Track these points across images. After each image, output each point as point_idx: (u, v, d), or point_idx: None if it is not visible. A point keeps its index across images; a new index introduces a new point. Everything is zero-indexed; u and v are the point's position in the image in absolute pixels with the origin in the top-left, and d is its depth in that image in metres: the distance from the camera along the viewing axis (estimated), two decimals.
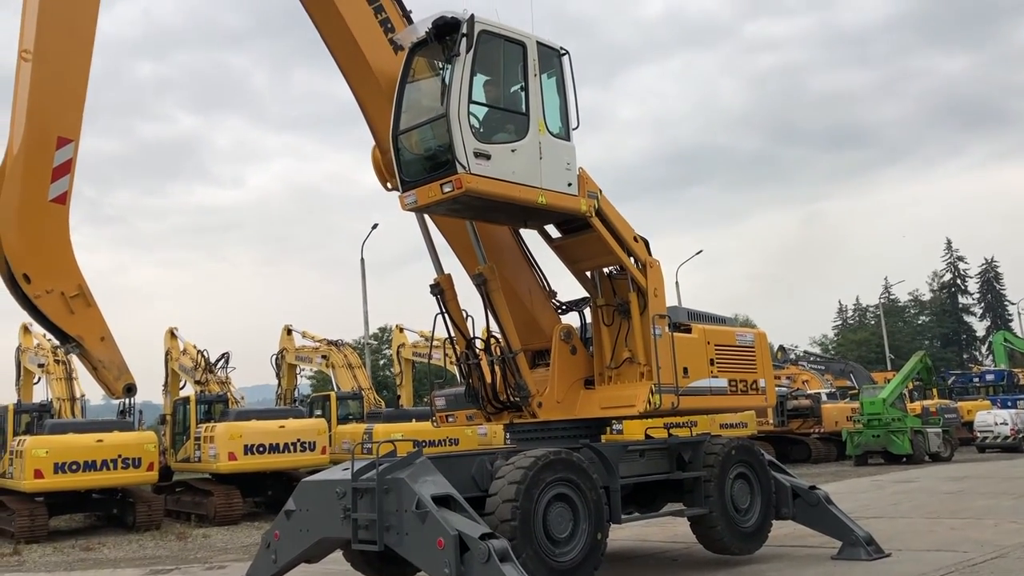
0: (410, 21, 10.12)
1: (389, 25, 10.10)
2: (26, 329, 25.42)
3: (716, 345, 10.76)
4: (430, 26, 9.13)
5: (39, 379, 24.64)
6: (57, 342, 24.33)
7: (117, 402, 25.40)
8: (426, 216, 10.44)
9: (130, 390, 8.30)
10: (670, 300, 10.77)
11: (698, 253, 55.02)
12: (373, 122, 10.26)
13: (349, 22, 9.81)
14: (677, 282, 47.82)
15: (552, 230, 10.97)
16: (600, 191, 10.07)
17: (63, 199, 8.02)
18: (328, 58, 10.28)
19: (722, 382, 10.69)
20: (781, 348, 45.60)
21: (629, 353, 10.23)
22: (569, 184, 9.64)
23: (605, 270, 10.87)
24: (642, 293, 10.26)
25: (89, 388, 24.17)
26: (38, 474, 17.75)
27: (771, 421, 33.25)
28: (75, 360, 24.01)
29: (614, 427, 18.37)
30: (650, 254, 10.58)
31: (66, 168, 8.04)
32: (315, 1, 9.85)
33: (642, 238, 10.61)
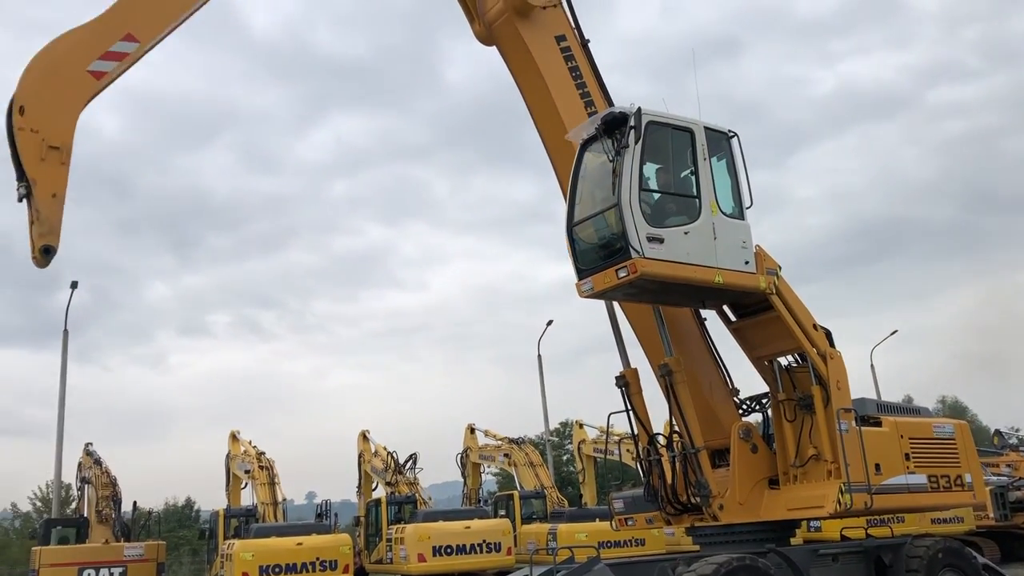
0: None
1: None
2: (234, 437, 27.35)
3: (911, 438, 10.09)
4: (599, 122, 9.54)
5: (246, 484, 26.27)
6: (262, 450, 25.92)
7: (316, 504, 26.71)
8: (616, 307, 10.62)
9: (47, 251, 7.85)
10: (865, 386, 10.35)
11: (893, 333, 51.40)
12: None
13: (562, 113, 10.69)
14: (872, 365, 45.12)
15: (731, 314, 10.85)
16: (779, 268, 9.95)
17: (99, 76, 8.31)
18: (503, 163, 11.27)
19: (920, 478, 9.95)
20: (998, 433, 41.49)
21: (815, 450, 9.76)
22: (746, 262, 9.64)
23: (784, 361, 10.55)
24: (824, 386, 9.85)
25: (290, 491, 25.53)
26: None
27: (992, 515, 30.21)
28: (278, 465, 25.58)
29: (811, 524, 17.36)
30: (832, 345, 10.21)
31: (119, 57, 8.38)
32: (536, 97, 11.02)
33: (823, 328, 10.27)
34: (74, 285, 29.52)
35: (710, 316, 10.97)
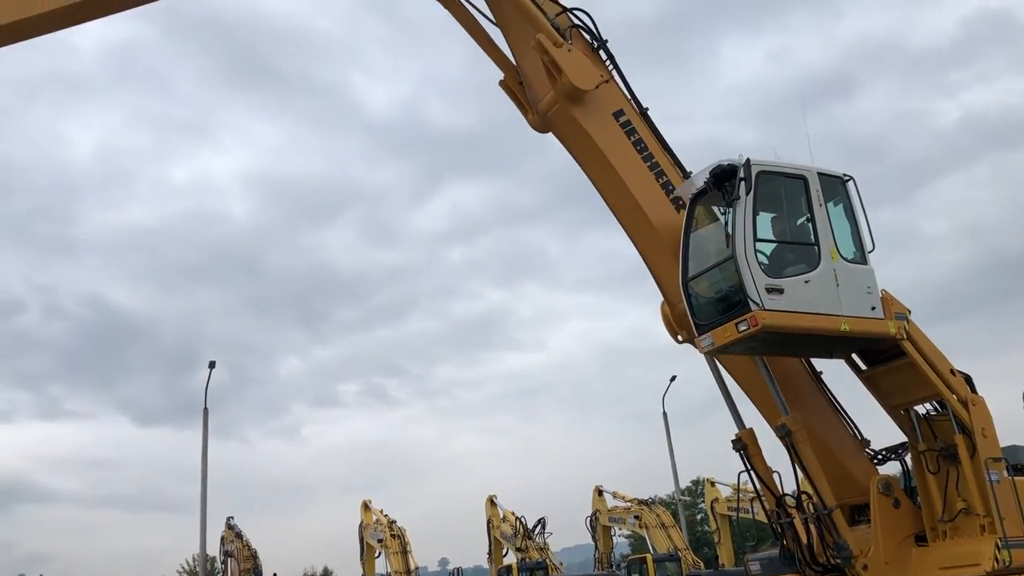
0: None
1: (670, 187, 10.46)
2: (366, 506, 27.86)
3: None
4: (708, 176, 9.41)
5: (379, 553, 26.66)
6: (393, 518, 26.26)
7: (448, 571, 26.81)
8: (721, 368, 10.37)
9: None
10: (1021, 431, 9.63)
11: None
12: (659, 277, 10.58)
13: (633, 189, 10.37)
14: None
15: (861, 363, 10.37)
16: (909, 312, 9.56)
17: None
18: (612, 219, 10.92)
19: None
20: None
21: (964, 503, 9.17)
22: (872, 308, 9.31)
23: (922, 410, 10.02)
24: (969, 434, 9.29)
25: (423, 558, 25.73)
26: None
27: None
28: (409, 532, 25.88)
29: None
30: (974, 390, 9.66)
31: None
32: (603, 177, 10.63)
33: (962, 372, 9.74)
34: (212, 364, 31.08)
35: (833, 365, 10.54)
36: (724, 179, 9.29)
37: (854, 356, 10.39)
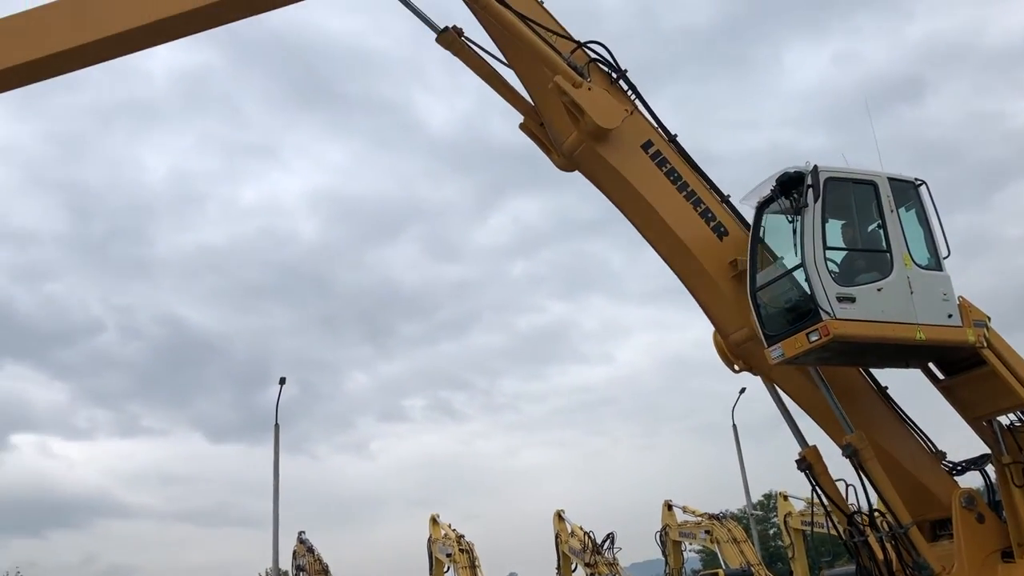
0: (730, 205, 10.21)
1: (710, 215, 10.06)
2: (434, 521, 27.96)
3: None
4: (774, 184, 9.24)
5: (448, 568, 26.69)
6: (461, 532, 26.34)
7: None
8: (778, 388, 10.16)
9: None
10: None
11: None
12: (708, 308, 10.32)
13: (671, 222, 9.96)
14: None
15: (939, 372, 10.07)
16: (988, 319, 9.27)
17: None
18: None
19: None
20: None
21: None
22: (949, 316, 9.06)
23: (1004, 420, 9.67)
24: None
25: (491, 573, 25.75)
26: None
27: None
28: (477, 547, 25.87)
29: None
30: None
31: None
32: (639, 213, 10.27)
33: None
34: (282, 381, 31.65)
35: (897, 376, 10.20)
36: (791, 186, 9.13)
37: (931, 366, 10.10)
